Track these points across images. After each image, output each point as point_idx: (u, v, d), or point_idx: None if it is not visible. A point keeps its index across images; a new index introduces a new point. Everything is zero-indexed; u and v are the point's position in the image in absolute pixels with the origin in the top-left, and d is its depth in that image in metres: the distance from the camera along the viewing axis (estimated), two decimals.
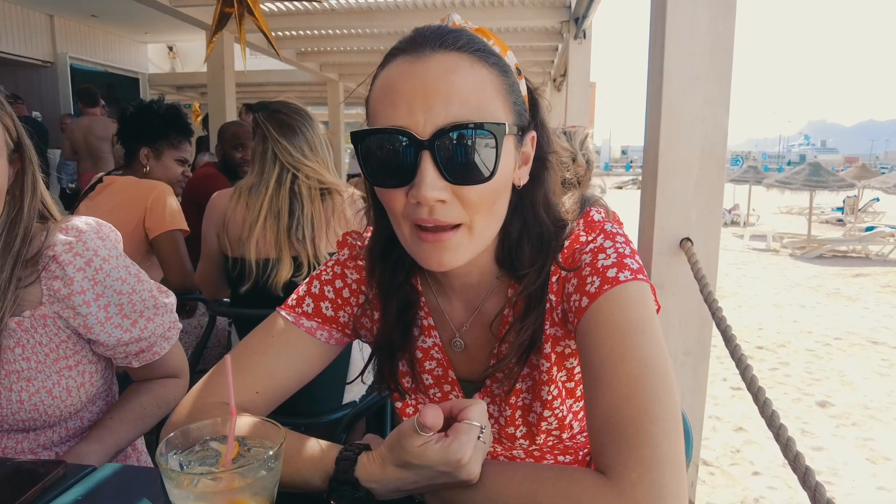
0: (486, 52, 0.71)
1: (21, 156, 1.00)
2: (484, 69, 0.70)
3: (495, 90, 0.70)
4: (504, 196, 0.75)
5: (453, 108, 0.66)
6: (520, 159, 0.77)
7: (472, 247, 0.74)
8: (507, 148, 0.71)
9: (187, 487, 0.54)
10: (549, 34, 7.00)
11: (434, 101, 0.66)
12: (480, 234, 0.74)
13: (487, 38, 0.75)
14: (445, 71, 0.67)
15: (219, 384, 0.84)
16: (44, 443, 1.05)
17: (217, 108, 6.43)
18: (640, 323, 0.70)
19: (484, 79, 0.69)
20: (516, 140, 0.74)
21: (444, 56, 0.68)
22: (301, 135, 1.85)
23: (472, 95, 0.68)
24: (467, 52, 0.70)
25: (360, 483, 0.66)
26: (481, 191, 0.70)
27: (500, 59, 0.73)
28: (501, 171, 0.71)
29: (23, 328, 0.99)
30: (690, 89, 2.12)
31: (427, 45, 0.69)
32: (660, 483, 0.59)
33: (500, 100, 0.71)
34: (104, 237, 1.05)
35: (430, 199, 0.67)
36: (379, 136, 0.70)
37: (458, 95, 0.67)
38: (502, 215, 0.77)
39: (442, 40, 0.69)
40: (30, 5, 7.92)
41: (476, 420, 0.64)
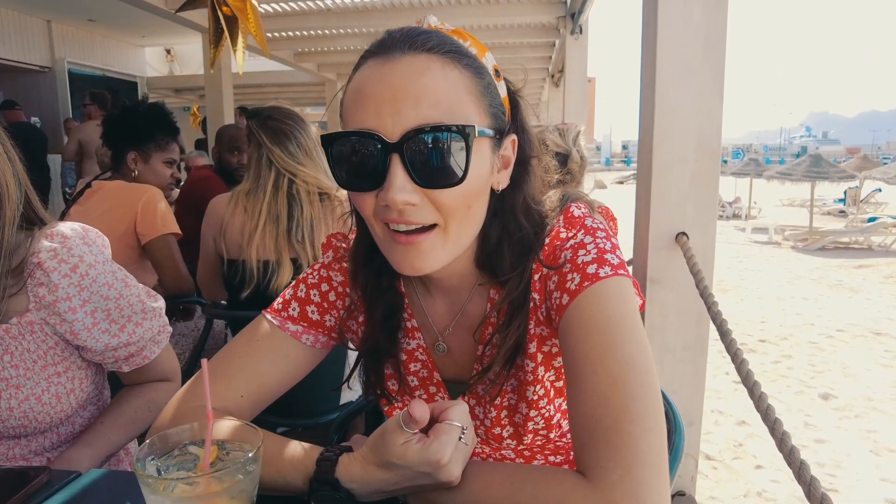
0: (459, 54, 0.70)
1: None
2: (455, 71, 0.68)
3: (467, 92, 0.69)
4: (480, 200, 0.74)
5: (422, 110, 0.66)
6: (499, 163, 0.75)
7: (447, 250, 0.73)
8: (480, 151, 0.70)
9: (163, 493, 0.54)
10: (545, 30, 6.98)
11: (402, 104, 0.66)
12: (455, 237, 0.73)
13: (464, 39, 0.74)
14: (414, 73, 0.67)
15: (202, 388, 0.83)
16: (35, 448, 1.05)
17: (215, 110, 6.44)
18: (621, 320, 0.70)
19: (455, 81, 0.68)
20: (493, 143, 0.72)
21: (414, 58, 0.67)
22: (294, 139, 1.87)
23: (443, 97, 0.67)
24: (438, 53, 0.68)
25: (340, 484, 0.65)
26: (453, 194, 0.69)
27: (474, 61, 0.71)
28: (474, 174, 0.69)
29: (10, 335, 0.99)
30: (684, 82, 2.11)
31: (396, 47, 0.68)
32: (640, 484, 0.59)
33: (473, 102, 0.69)
34: (90, 242, 1.05)
35: (399, 202, 0.67)
36: (348, 138, 0.69)
37: (427, 97, 0.66)
38: (480, 219, 0.76)
39: (412, 42, 0.68)
40: (27, 11, 7.92)
41: (457, 421, 0.63)
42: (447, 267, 0.77)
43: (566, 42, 6.43)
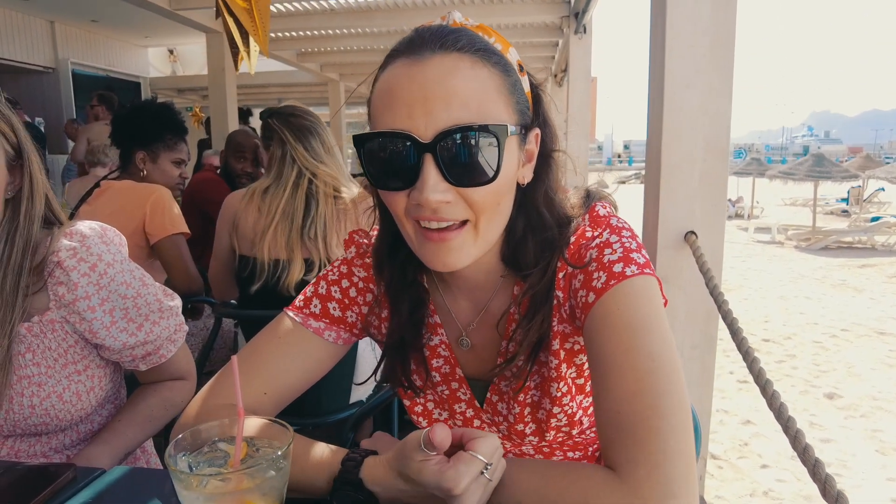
0: (488, 52, 0.71)
1: (22, 162, 0.99)
2: (485, 70, 0.69)
3: (496, 91, 0.70)
4: (509, 195, 0.75)
5: (454, 110, 0.66)
6: (523, 158, 0.77)
7: (477, 246, 0.74)
8: (509, 148, 0.71)
9: (196, 489, 0.54)
10: (549, 30, 6.98)
11: (434, 104, 0.66)
12: (485, 233, 0.74)
13: (489, 35, 0.74)
14: (445, 73, 0.67)
15: (227, 386, 0.84)
16: (55, 446, 1.06)
17: (218, 111, 6.44)
18: (647, 318, 0.70)
19: (485, 80, 0.69)
20: (519, 139, 0.74)
21: (444, 58, 0.68)
22: (317, 136, 1.88)
23: (473, 97, 0.67)
24: (468, 52, 0.69)
25: (364, 484, 0.66)
26: (485, 192, 0.70)
27: (501, 58, 0.72)
28: (505, 171, 0.70)
29: (32, 334, 0.99)
30: (693, 82, 2.11)
31: (426, 46, 0.69)
32: (669, 479, 0.59)
33: (503, 100, 0.70)
34: (108, 241, 1.05)
35: (433, 201, 0.68)
36: (380, 139, 0.70)
37: (458, 98, 0.67)
38: (507, 214, 0.77)
39: (441, 41, 0.69)
40: (31, 12, 7.94)
41: (483, 455, 0.61)
42: (474, 262, 0.78)
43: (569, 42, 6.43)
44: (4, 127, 0.95)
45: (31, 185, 0.99)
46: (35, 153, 1.00)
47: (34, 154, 1.00)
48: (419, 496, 0.64)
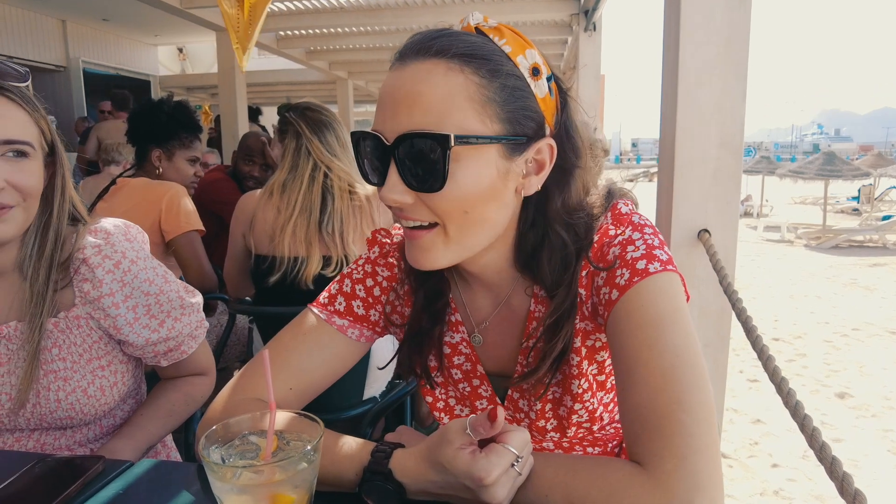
0: (472, 57, 0.69)
1: (54, 159, 1.02)
2: (460, 76, 0.68)
3: (467, 98, 0.68)
4: (486, 205, 0.72)
5: (415, 116, 0.68)
6: (525, 168, 0.74)
7: (450, 250, 0.75)
8: (475, 158, 0.69)
9: (230, 480, 0.55)
10: (558, 27, 6.96)
11: (399, 109, 0.69)
12: (457, 239, 0.74)
13: (500, 37, 0.72)
14: (415, 79, 0.69)
15: (253, 380, 0.85)
16: (80, 440, 1.07)
17: (228, 109, 6.47)
18: (671, 314, 0.71)
19: (454, 87, 0.68)
20: (504, 149, 0.71)
21: (421, 64, 0.69)
22: (332, 130, 1.90)
23: (436, 104, 0.67)
24: (445, 57, 0.68)
25: (392, 475, 0.66)
26: (441, 199, 0.70)
27: (491, 63, 0.69)
28: (465, 181, 0.69)
29: (59, 329, 1.01)
30: (707, 80, 2.10)
31: (409, 52, 0.71)
32: (696, 473, 0.60)
33: (474, 109, 0.68)
34: (131, 239, 1.07)
35: (390, 200, 0.71)
36: (361, 138, 0.74)
37: (420, 104, 0.68)
38: (491, 224, 0.75)
39: (421, 47, 0.70)
40: (42, 11, 8.00)
41: (514, 447, 0.62)
42: (482, 263, 0.80)
43: (579, 39, 6.41)
44: (44, 125, 0.98)
45: (62, 180, 1.02)
46: (63, 150, 1.02)
47: (64, 151, 1.02)
48: (448, 487, 0.64)
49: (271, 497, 0.56)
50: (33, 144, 0.95)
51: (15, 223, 0.95)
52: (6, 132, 0.91)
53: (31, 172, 0.95)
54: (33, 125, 0.97)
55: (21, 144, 0.93)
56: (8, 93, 0.93)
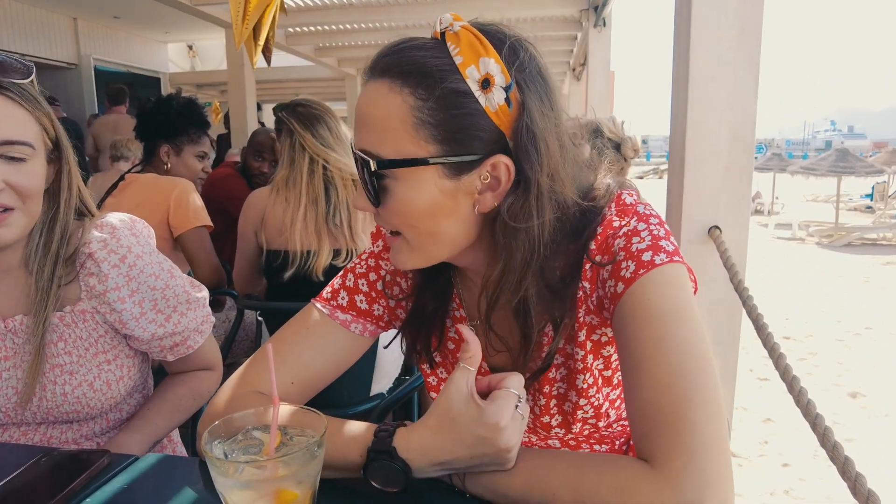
0: (409, 75, 0.68)
1: (59, 155, 1.01)
2: (397, 98, 0.68)
3: (401, 121, 0.68)
4: (431, 221, 0.72)
5: (362, 135, 0.72)
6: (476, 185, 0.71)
7: (415, 257, 0.77)
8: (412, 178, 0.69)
9: (233, 475, 0.55)
10: (567, 23, 6.92)
11: (358, 126, 0.73)
12: (418, 247, 0.75)
13: (455, 44, 0.68)
14: (366, 99, 0.72)
15: (255, 374, 0.85)
16: (86, 433, 1.08)
17: (238, 105, 6.50)
18: (678, 307, 0.69)
19: (392, 109, 0.69)
20: (444, 169, 0.69)
21: (373, 84, 0.71)
22: (323, 123, 1.93)
23: (377, 125, 0.70)
24: (388, 77, 0.70)
25: (397, 453, 0.66)
26: (384, 213, 0.74)
27: (430, 82, 0.67)
28: (399, 199, 0.71)
29: (64, 323, 1.01)
30: (719, 75, 2.08)
31: (368, 70, 0.73)
32: (705, 470, 0.58)
33: (407, 131, 0.68)
34: (137, 233, 1.07)
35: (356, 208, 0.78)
36: None
37: (366, 124, 0.71)
38: (445, 236, 0.74)
39: (375, 65, 0.72)
40: (54, 8, 8.05)
41: (514, 388, 0.65)
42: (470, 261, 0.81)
43: (588, 35, 6.37)
44: (46, 122, 0.97)
45: (68, 176, 1.01)
46: (70, 146, 1.02)
47: (69, 147, 1.02)
48: (457, 452, 0.65)
49: (275, 492, 0.55)
50: (32, 144, 0.93)
51: (16, 227, 0.94)
52: (3, 133, 0.90)
53: (30, 173, 0.94)
54: (34, 123, 0.95)
55: (19, 145, 0.91)
56: (6, 91, 0.91)
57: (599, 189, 0.82)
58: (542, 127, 0.69)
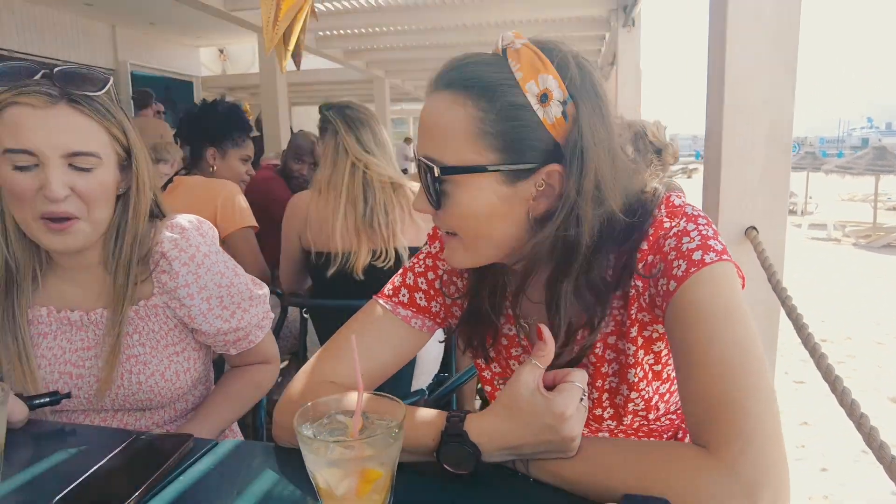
0: (472, 89, 0.74)
1: (132, 162, 1.06)
2: (461, 110, 0.74)
3: (463, 131, 0.74)
4: (487, 224, 0.78)
5: (424, 143, 0.78)
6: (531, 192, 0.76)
7: (469, 256, 0.83)
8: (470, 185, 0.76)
9: (323, 454, 0.60)
10: (595, 23, 6.89)
11: (422, 135, 0.79)
12: (473, 248, 0.82)
13: (516, 61, 0.74)
14: (430, 110, 0.78)
15: (327, 364, 0.90)
16: (157, 421, 1.15)
17: (270, 108, 6.62)
18: (729, 305, 0.73)
19: (453, 120, 0.75)
20: (502, 177, 0.75)
21: (436, 96, 0.78)
22: (368, 128, 1.98)
23: (440, 134, 0.76)
24: (453, 90, 0.76)
25: (468, 437, 0.70)
26: (443, 215, 0.80)
27: (493, 95, 0.73)
28: (459, 203, 0.77)
29: (139, 316, 1.08)
30: (755, 74, 2.08)
31: (432, 83, 0.79)
32: (764, 455, 0.62)
33: (468, 140, 0.74)
34: (204, 234, 1.13)
35: (418, 209, 0.83)
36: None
37: (429, 133, 0.78)
38: (498, 239, 0.80)
39: (439, 79, 0.78)
40: (94, 16, 8.32)
41: (579, 382, 0.70)
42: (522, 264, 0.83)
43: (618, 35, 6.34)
44: (117, 131, 1.02)
45: (140, 182, 1.07)
46: (143, 153, 1.08)
47: (142, 154, 1.07)
48: (525, 437, 0.69)
49: (361, 471, 0.60)
50: (98, 154, 0.98)
51: (80, 235, 1.00)
52: (71, 144, 0.95)
53: (96, 182, 0.99)
54: (103, 133, 0.99)
55: (85, 156, 0.96)
56: (76, 103, 0.96)
57: (649, 192, 0.86)
58: (594, 139, 0.75)
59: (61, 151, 0.94)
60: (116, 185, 1.05)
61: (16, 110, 0.93)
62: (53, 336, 1.08)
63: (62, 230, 0.97)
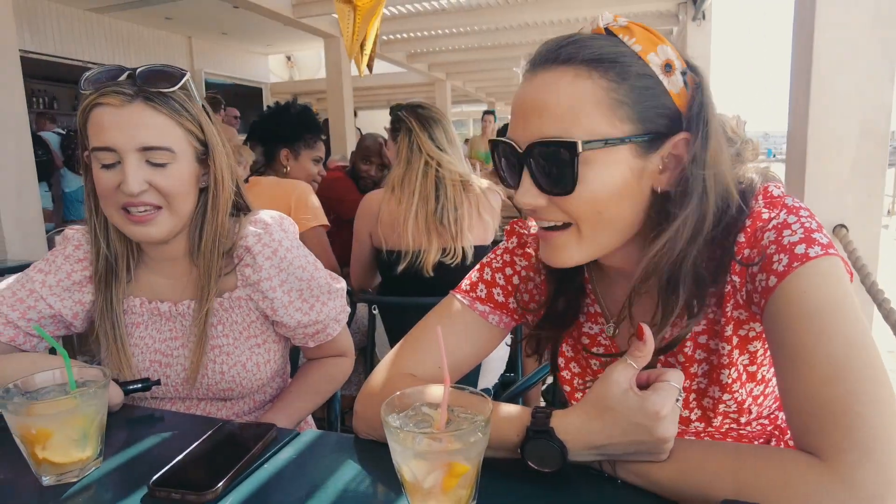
0: (599, 62, 0.71)
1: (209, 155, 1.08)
2: (587, 81, 0.70)
3: (595, 103, 0.70)
4: (617, 204, 0.74)
5: (544, 123, 0.71)
6: (659, 164, 0.74)
7: (583, 250, 0.77)
8: (605, 160, 0.71)
9: (410, 446, 0.60)
10: (662, 17, 6.69)
11: (529, 117, 0.72)
12: (591, 238, 0.76)
13: (629, 36, 0.73)
14: (543, 88, 0.72)
15: (408, 357, 0.90)
16: (237, 412, 1.19)
17: (336, 112, 6.79)
18: (837, 301, 0.67)
19: (583, 93, 0.70)
20: (637, 148, 0.72)
21: (549, 73, 0.72)
22: (440, 126, 2.01)
23: (565, 111, 0.70)
24: (573, 64, 0.71)
25: (554, 433, 0.68)
26: (573, 201, 0.73)
27: (621, 66, 0.71)
28: (595, 184, 0.71)
29: (223, 308, 1.12)
30: (847, 62, 1.95)
31: (538, 62, 0.74)
32: (883, 465, 0.57)
33: (602, 112, 0.70)
34: (286, 229, 1.16)
35: (524, 204, 0.75)
36: (497, 145, 0.78)
37: (548, 112, 0.71)
38: (623, 222, 0.76)
39: (552, 55, 0.73)
40: (172, 29, 8.81)
41: (676, 383, 0.66)
42: (619, 257, 0.81)
43: (686, 29, 6.13)
44: (192, 126, 1.05)
45: (217, 176, 1.09)
46: (221, 148, 1.09)
47: (220, 149, 1.09)
48: (614, 437, 0.66)
49: (448, 465, 0.59)
50: (172, 148, 1.01)
51: (163, 226, 1.03)
52: (145, 139, 0.98)
53: (173, 175, 1.02)
54: (176, 128, 1.02)
55: (159, 150, 1.00)
56: (150, 100, 1.00)
57: (745, 182, 0.81)
58: (711, 110, 0.74)
59: (136, 146, 0.98)
60: (197, 178, 1.08)
61: (99, 111, 0.99)
62: (145, 326, 1.14)
63: (142, 222, 1.01)
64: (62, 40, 7.38)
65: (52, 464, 0.76)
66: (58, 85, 8.42)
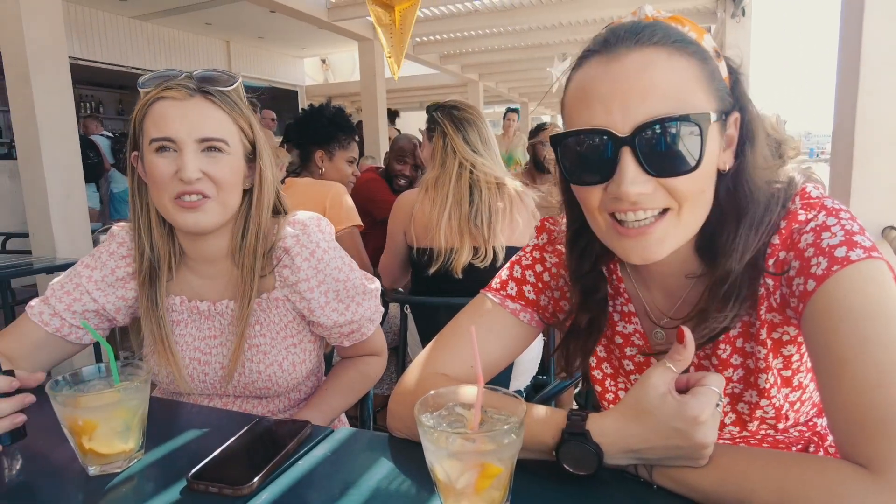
0: (684, 42, 0.71)
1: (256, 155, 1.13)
2: (682, 60, 0.70)
3: (695, 80, 0.70)
4: (711, 183, 0.75)
5: (652, 103, 0.68)
6: (724, 143, 0.75)
7: (678, 235, 0.74)
8: (711, 136, 0.71)
9: (444, 445, 0.60)
10: (699, 14, 6.56)
11: (631, 99, 0.68)
12: (687, 221, 0.74)
13: (682, 25, 0.74)
14: (641, 68, 0.69)
15: (441, 356, 0.90)
16: (272, 410, 1.21)
17: (370, 114, 6.86)
18: (881, 305, 0.64)
19: (683, 70, 0.70)
20: (720, 126, 0.73)
21: (640, 53, 0.69)
22: (475, 128, 1.99)
23: (672, 89, 0.69)
24: (663, 45, 0.70)
25: (590, 436, 0.67)
26: (687, 180, 0.71)
27: (697, 47, 0.72)
28: (707, 159, 0.70)
29: (261, 308, 1.14)
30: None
31: (621, 43, 0.71)
32: None
33: (702, 88, 0.70)
34: (323, 230, 1.18)
35: (633, 193, 0.70)
36: (578, 136, 0.73)
37: (655, 91, 0.68)
38: (710, 201, 0.76)
39: (636, 37, 0.71)
40: (211, 34, 9.04)
41: (716, 387, 0.65)
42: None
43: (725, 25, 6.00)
44: (244, 124, 1.10)
45: (261, 177, 1.13)
46: (267, 150, 1.14)
47: (266, 151, 1.14)
48: (651, 441, 0.65)
49: (481, 465, 0.59)
50: (227, 141, 1.06)
51: (212, 214, 1.07)
52: (203, 130, 1.04)
53: (226, 166, 1.06)
54: (231, 124, 1.08)
55: (215, 141, 1.05)
56: (209, 96, 1.06)
57: (782, 182, 0.79)
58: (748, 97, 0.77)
59: (196, 136, 1.03)
60: (244, 177, 1.12)
61: (161, 104, 1.04)
62: (185, 324, 1.16)
63: (194, 208, 1.05)
64: (108, 47, 7.67)
65: (98, 454, 0.78)
66: (103, 89, 8.75)
